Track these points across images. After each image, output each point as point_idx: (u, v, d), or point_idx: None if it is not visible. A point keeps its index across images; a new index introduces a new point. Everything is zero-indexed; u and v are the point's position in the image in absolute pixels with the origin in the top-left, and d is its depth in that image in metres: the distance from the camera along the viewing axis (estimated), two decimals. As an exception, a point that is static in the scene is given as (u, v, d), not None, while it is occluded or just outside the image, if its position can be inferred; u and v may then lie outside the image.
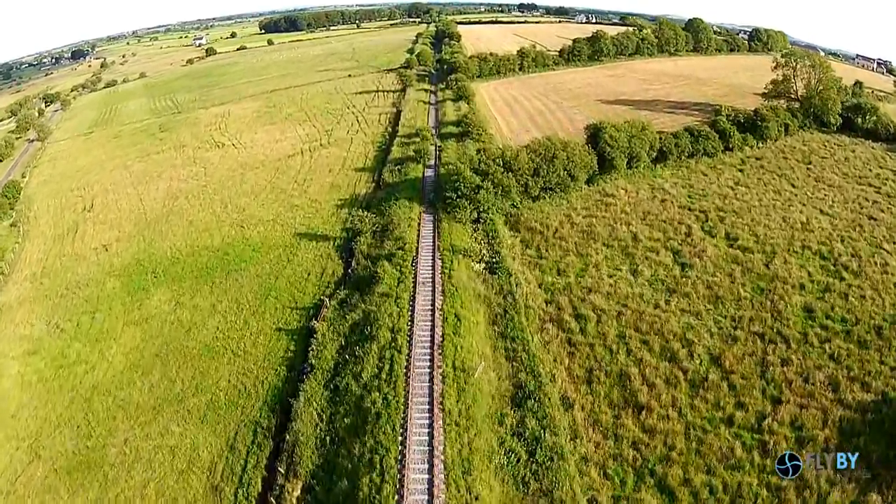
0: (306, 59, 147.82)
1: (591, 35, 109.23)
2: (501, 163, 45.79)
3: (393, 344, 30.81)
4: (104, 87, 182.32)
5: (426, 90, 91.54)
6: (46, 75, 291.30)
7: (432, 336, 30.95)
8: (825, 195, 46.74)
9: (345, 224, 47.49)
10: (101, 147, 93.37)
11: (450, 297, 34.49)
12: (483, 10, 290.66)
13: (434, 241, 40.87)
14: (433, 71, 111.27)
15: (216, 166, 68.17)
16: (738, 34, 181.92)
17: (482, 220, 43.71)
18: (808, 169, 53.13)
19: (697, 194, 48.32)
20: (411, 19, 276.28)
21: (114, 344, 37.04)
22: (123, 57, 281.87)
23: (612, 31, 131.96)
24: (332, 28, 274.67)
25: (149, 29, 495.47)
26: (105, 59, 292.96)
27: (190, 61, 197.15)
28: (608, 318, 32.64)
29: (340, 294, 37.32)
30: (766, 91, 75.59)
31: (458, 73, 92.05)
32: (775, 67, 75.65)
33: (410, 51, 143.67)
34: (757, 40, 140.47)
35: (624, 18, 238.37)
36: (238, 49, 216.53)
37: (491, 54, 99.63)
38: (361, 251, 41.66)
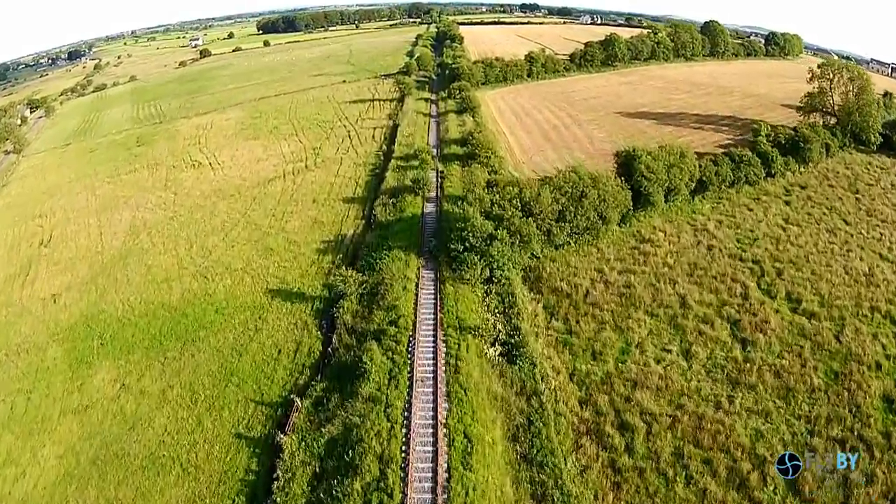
0: (300, 63, 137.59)
1: (603, 38, 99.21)
2: (519, 204, 36.26)
3: (381, 484, 21.58)
4: (93, 91, 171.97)
5: (426, 99, 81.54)
6: (42, 77, 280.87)
7: (434, 470, 21.76)
8: (881, 234, 39.72)
9: (326, 278, 38.20)
10: (74, 163, 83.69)
11: (457, 403, 25.07)
12: (485, 10, 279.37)
13: (436, 313, 31.15)
14: (434, 77, 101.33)
15: (188, 191, 58.70)
16: (748, 36, 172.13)
17: (495, 280, 34.01)
18: (856, 199, 46.51)
19: (746, 237, 39.58)
20: (411, 20, 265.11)
21: (48, 440, 28.13)
22: (119, 58, 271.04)
23: (621, 33, 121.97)
24: (330, 28, 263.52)
25: (149, 29, 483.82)
26: (100, 60, 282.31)
27: (182, 63, 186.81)
28: (660, 428, 23.93)
29: (316, 389, 27.81)
30: (800, 105, 66.45)
31: (462, 80, 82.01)
32: (811, 79, 66.31)
33: (410, 54, 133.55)
34: (774, 44, 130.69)
35: (629, 19, 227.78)
36: (233, 50, 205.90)
37: (497, 59, 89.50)
38: (345, 322, 31.97)
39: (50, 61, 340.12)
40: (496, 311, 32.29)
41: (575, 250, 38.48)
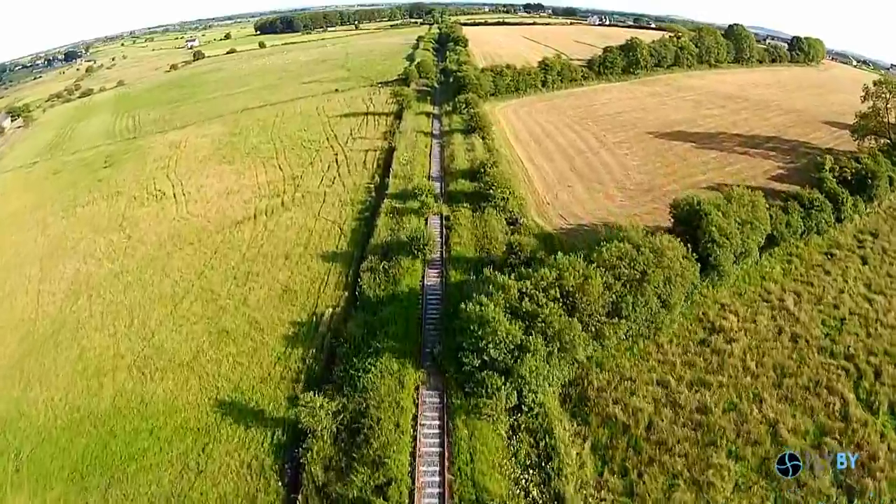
0: (293, 67, 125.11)
1: (624, 43, 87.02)
2: (559, 293, 25.00)
3: None
4: (79, 97, 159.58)
5: (428, 114, 69.38)
6: (35, 79, 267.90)
7: None
8: None
9: (293, 388, 27.37)
10: (36, 188, 72.19)
11: None
12: (487, 10, 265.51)
13: (442, 472, 20.37)
14: (436, 84, 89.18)
15: (142, 236, 47.24)
16: (764, 40, 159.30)
17: (525, 408, 23.30)
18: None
19: (831, 317, 30.00)
20: (413, 20, 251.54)
21: None
22: (113, 60, 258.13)
23: (639, 36, 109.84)
24: (329, 29, 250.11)
25: (149, 29, 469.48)
26: (94, 62, 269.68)
27: (174, 66, 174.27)
28: None
29: None
30: (854, 127, 55.70)
31: (468, 91, 69.78)
32: (864, 97, 55.90)
33: (410, 58, 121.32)
34: (798, 50, 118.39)
35: (637, 20, 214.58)
36: (228, 52, 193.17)
37: (508, 67, 77.02)
38: (314, 478, 20.80)
39: (46, 62, 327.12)
40: (527, 463, 21.30)
41: (628, 348, 27.52)
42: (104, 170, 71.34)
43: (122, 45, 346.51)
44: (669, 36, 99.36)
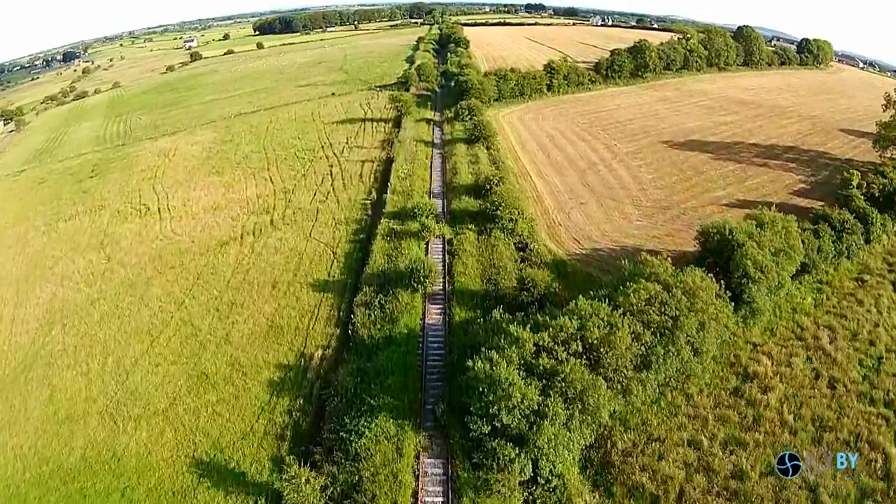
0: (290, 69, 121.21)
1: (633, 45, 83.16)
2: (580, 345, 21.42)
3: None
4: (73, 100, 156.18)
5: (428, 121, 65.51)
6: (33, 80, 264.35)
7: None
8: None
9: (278, 446, 24.07)
10: (20, 198, 68.19)
11: None
12: (488, 10, 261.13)
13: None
14: (437, 89, 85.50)
15: (123, 257, 43.56)
16: (770, 41, 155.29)
17: (542, 480, 19.79)
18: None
19: (867, 354, 27.08)
20: (413, 20, 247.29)
21: None
22: (111, 61, 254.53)
23: (644, 37, 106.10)
24: (328, 29, 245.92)
25: (148, 29, 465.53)
26: (92, 62, 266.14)
27: (170, 68, 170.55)
28: None
29: None
30: (876, 138, 52.46)
31: (471, 96, 66.06)
32: (886, 106, 52.79)
33: (410, 59, 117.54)
34: (807, 52, 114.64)
35: (640, 21, 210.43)
36: (225, 53, 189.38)
37: (512, 70, 73.12)
38: None
39: (44, 63, 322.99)
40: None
41: (655, 400, 24.02)
42: (90, 180, 67.76)
43: (121, 45, 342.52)
44: (678, 38, 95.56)
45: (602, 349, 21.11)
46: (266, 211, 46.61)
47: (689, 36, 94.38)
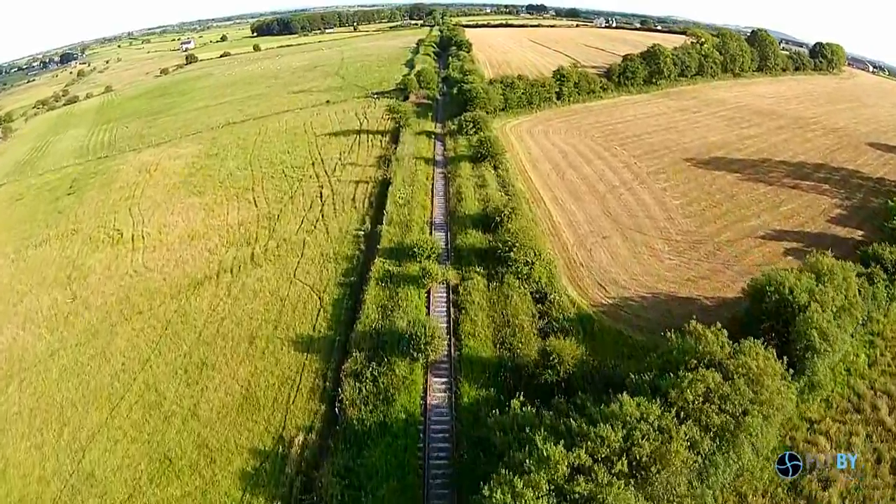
0: (284, 74, 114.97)
1: (646, 50, 77.47)
2: (627, 463, 15.50)
3: None
4: (64, 104, 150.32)
5: (429, 134, 59.35)
6: (28, 82, 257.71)
7: None
8: None
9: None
10: (-7, 216, 63.85)
11: None
12: (489, 11, 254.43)
13: None
14: (438, 97, 79.70)
15: (90, 294, 37.67)
16: (778, 44, 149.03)
17: None
18: None
19: None
20: (413, 21, 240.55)
21: None
22: (107, 62, 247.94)
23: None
24: (327, 31, 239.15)
25: (148, 30, 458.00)
26: (89, 64, 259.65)
27: (164, 71, 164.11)
28: None
29: None
30: None
31: (476, 106, 60.21)
32: None
33: (409, 64, 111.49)
34: (821, 57, 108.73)
35: (643, 22, 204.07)
36: (221, 56, 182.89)
37: (520, 78, 67.25)
38: None
39: (42, 65, 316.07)
40: None
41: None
42: (67, 197, 61.94)
43: (119, 46, 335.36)
44: (691, 42, 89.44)
45: (653, 467, 15.72)
46: (247, 242, 40.88)
47: (702, 40, 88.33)
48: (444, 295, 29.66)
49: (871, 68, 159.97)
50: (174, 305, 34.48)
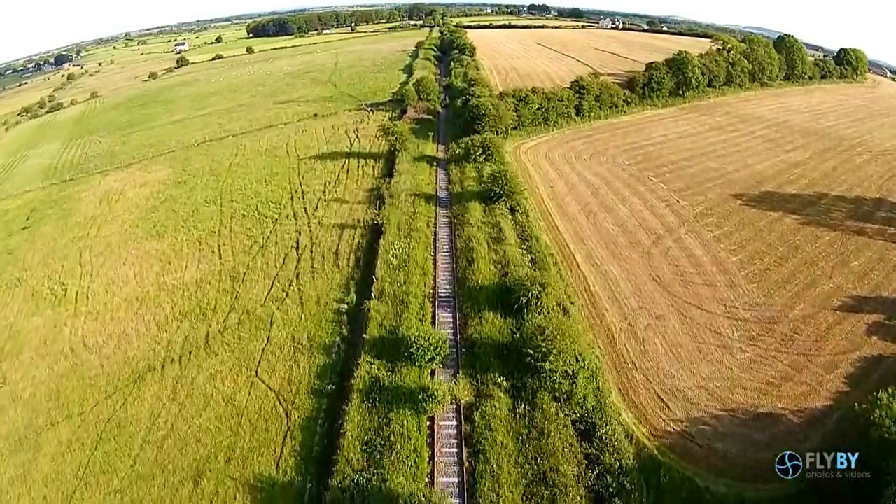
0: (272, 80, 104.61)
1: (672, 58, 67.30)
2: None
3: None
4: (47, 112, 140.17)
5: (430, 160, 49.48)
6: (20, 85, 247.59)
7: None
8: None
9: None
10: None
11: None
12: (490, 11, 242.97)
13: None
14: (440, 109, 70.46)
15: (20, 379, 28.17)
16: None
17: None
18: None
19: None
20: (412, 22, 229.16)
21: None
22: (100, 65, 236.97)
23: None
24: (324, 32, 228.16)
25: (145, 30, 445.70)
26: (82, 66, 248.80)
27: (153, 76, 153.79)
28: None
29: None
30: None
31: (485, 126, 50.59)
32: None
33: (408, 69, 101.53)
34: (846, 64, 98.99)
35: (651, 24, 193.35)
36: (213, 58, 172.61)
37: (534, 91, 56.89)
38: None
39: (36, 66, 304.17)
40: None
41: None
42: (21, 233, 52.59)
43: (114, 48, 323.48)
44: (717, 48, 79.57)
45: None
46: (203, 312, 31.77)
47: (729, 46, 78.50)
48: (454, 423, 20.57)
49: (888, 73, 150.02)
50: (109, 409, 25.57)
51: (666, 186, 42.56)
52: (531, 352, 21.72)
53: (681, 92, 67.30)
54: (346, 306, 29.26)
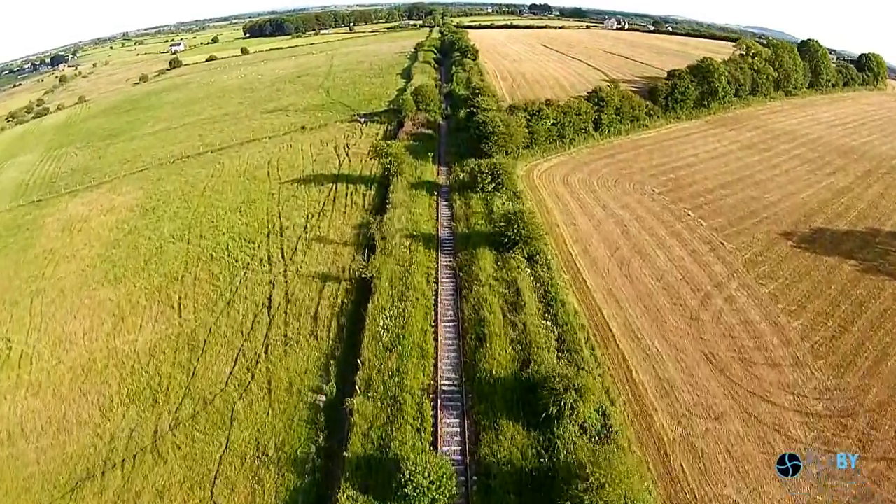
0: (262, 86, 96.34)
1: (696, 65, 60.12)
2: None
3: None
4: (33, 118, 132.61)
5: (430, 187, 42.07)
6: (15, 86, 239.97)
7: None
8: None
9: None
10: None
11: None
12: (490, 10, 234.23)
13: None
14: (441, 121, 63.34)
15: None
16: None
17: None
18: None
19: None
20: (412, 22, 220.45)
21: None
22: (94, 66, 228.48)
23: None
24: (322, 32, 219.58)
25: (144, 30, 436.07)
26: (76, 67, 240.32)
27: (143, 78, 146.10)
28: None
29: None
30: None
31: (494, 146, 43.85)
32: None
33: (406, 73, 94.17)
34: (868, 70, 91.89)
35: (656, 24, 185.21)
36: (207, 60, 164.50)
37: (548, 103, 49.75)
38: None
39: (32, 67, 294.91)
40: None
41: None
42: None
43: (111, 48, 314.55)
44: (740, 54, 71.78)
45: None
46: (154, 396, 25.07)
47: (753, 51, 71.23)
48: None
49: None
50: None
51: (705, 223, 35.79)
52: (565, 476, 15.23)
53: (706, 103, 60.23)
54: (324, 399, 22.65)
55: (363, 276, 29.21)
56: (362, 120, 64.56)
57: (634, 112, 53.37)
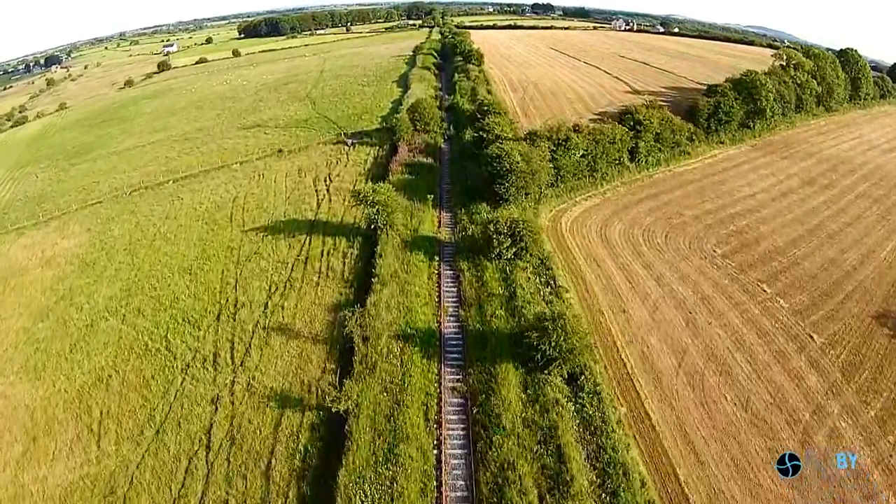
0: (244, 94, 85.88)
1: (739, 79, 50.15)
2: None
3: None
4: (11, 127, 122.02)
5: (428, 248, 32.37)
6: (5, 89, 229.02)
7: None
8: None
9: None
10: None
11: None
12: (492, 9, 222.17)
13: None
14: (442, 144, 53.06)
15: None
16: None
17: None
18: None
19: None
20: (411, 22, 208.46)
21: None
22: (85, 68, 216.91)
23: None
24: (318, 32, 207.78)
25: (141, 30, 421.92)
26: (68, 69, 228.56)
27: (129, 83, 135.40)
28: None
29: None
30: None
31: (510, 188, 34.22)
32: None
33: (403, 80, 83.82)
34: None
35: (664, 24, 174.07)
36: (197, 62, 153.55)
37: (576, 130, 39.38)
38: None
39: (26, 68, 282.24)
40: None
41: None
42: None
43: (106, 48, 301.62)
44: (780, 65, 61.12)
45: None
46: None
47: (795, 62, 60.93)
48: None
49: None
50: None
51: (786, 304, 26.58)
52: None
53: (750, 124, 50.66)
54: None
55: (337, 407, 20.29)
56: (349, 141, 54.82)
57: (675, 137, 43.59)
